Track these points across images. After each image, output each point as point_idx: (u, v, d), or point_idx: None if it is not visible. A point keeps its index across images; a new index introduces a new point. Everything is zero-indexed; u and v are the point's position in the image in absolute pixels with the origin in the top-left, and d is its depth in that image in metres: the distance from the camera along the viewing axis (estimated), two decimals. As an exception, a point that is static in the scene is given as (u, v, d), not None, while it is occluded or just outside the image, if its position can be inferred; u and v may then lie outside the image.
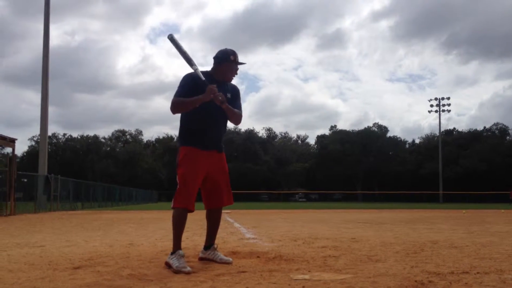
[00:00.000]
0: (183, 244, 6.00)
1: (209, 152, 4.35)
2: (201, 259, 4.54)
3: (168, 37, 4.41)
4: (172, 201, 4.27)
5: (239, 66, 4.49)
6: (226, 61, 4.40)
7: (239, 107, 4.53)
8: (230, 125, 4.68)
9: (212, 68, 4.48)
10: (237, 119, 4.50)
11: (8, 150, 21.34)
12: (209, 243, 4.58)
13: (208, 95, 4.11)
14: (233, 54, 4.42)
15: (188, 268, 3.88)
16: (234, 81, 4.57)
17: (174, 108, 4.27)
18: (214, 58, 4.46)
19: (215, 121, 4.38)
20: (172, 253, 4.13)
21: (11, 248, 5.74)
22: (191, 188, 4.22)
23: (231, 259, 4.48)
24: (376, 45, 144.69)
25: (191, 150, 4.28)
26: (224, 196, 4.51)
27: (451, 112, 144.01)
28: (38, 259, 4.67)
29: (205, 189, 4.43)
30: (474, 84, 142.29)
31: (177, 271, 3.83)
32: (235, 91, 4.56)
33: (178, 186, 4.25)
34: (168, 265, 4.07)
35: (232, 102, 4.41)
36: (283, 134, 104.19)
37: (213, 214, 4.61)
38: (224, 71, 4.42)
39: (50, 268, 4.06)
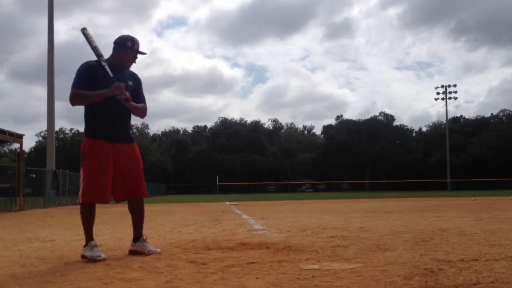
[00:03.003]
0: (191, 237, 6.06)
1: (117, 144, 4.30)
2: (131, 252, 4.49)
3: (81, 31, 4.41)
4: (79, 196, 4.23)
5: (140, 56, 4.46)
6: (124, 47, 4.35)
7: (143, 98, 4.55)
8: (233, 116, 4.68)
9: (111, 54, 4.42)
10: (141, 114, 4.50)
11: (16, 146, 21.46)
12: (137, 235, 4.53)
13: (113, 92, 4.10)
14: (132, 40, 4.38)
15: (103, 256, 4.08)
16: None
17: (75, 101, 4.19)
18: (114, 43, 4.41)
19: (119, 112, 4.32)
20: (85, 246, 4.24)
21: (22, 243, 5.78)
22: (99, 180, 4.17)
23: (159, 250, 4.52)
24: (384, 33, 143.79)
25: (97, 142, 4.23)
26: (139, 187, 4.46)
27: (459, 100, 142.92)
28: (49, 254, 4.71)
29: (116, 182, 4.32)
30: (483, 70, 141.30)
31: (92, 261, 4.00)
32: (136, 80, 4.52)
33: (83, 180, 4.20)
34: (84, 258, 4.17)
35: (134, 90, 4.40)
36: (289, 125, 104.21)
37: (135, 206, 4.55)
38: (122, 57, 4.38)
39: (61, 262, 4.09)
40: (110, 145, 4.26)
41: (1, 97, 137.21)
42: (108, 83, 4.15)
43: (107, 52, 4.38)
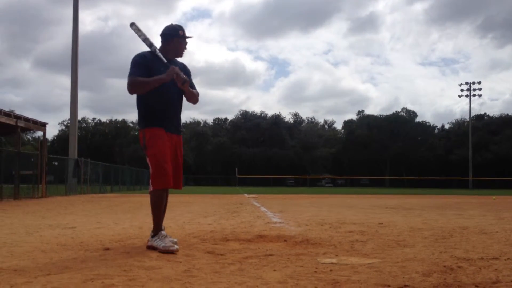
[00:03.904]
0: (210, 228, 6.09)
1: (171, 135, 4.33)
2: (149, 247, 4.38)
3: (130, 26, 4.36)
4: (150, 184, 4.21)
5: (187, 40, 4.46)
6: (176, 37, 4.35)
7: (194, 87, 4.54)
8: (255, 109, 4.65)
9: (161, 46, 4.42)
10: (195, 99, 4.50)
11: (39, 134, 21.78)
12: None
13: (170, 76, 4.11)
14: (182, 29, 4.40)
15: (176, 247, 3.97)
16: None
17: (133, 88, 4.19)
18: (162, 35, 4.41)
19: (172, 103, 4.34)
20: (153, 236, 4.16)
21: (43, 230, 5.88)
22: (166, 166, 4.17)
23: (175, 240, 4.37)
24: (410, 29, 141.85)
25: (157, 130, 4.24)
26: (180, 179, 4.46)
27: (484, 97, 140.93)
28: (69, 240, 4.78)
29: None
30: (509, 68, 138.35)
31: (164, 251, 3.90)
32: (186, 71, 4.53)
33: (152, 168, 4.19)
34: (152, 248, 4.08)
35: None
36: (309, 119, 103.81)
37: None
38: (175, 47, 4.38)
39: (82, 249, 4.15)
40: (167, 134, 4.29)
41: (26, 85, 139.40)
42: (164, 71, 4.18)
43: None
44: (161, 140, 4.22)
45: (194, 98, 4.49)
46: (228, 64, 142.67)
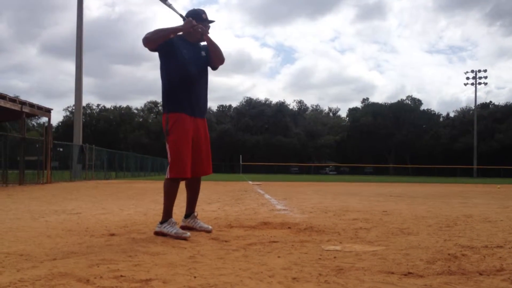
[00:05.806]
0: (214, 214, 6.11)
1: (195, 118, 4.28)
2: (182, 227, 4.46)
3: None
4: (168, 171, 4.18)
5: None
6: (199, 21, 4.31)
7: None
8: (260, 96, 4.63)
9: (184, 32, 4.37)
10: (219, 53, 4.41)
11: (44, 119, 21.87)
12: (189, 212, 4.55)
13: (187, 27, 4.15)
14: (204, 13, 4.41)
15: (188, 233, 3.97)
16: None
17: (148, 38, 4.10)
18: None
19: (195, 85, 4.28)
20: (162, 222, 4.13)
21: (49, 215, 5.91)
22: (185, 155, 4.14)
23: (210, 227, 4.48)
24: (418, 16, 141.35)
25: (180, 116, 4.18)
26: (208, 164, 4.46)
27: (491, 85, 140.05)
28: (75, 226, 4.80)
29: (192, 157, 4.28)
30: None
31: (177, 237, 3.90)
32: (207, 50, 4.48)
33: (171, 155, 4.15)
34: (161, 234, 4.06)
35: (207, 61, 4.42)
36: (314, 107, 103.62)
37: (194, 182, 4.53)
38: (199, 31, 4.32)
39: (87, 235, 4.17)
40: (191, 119, 4.24)
41: (32, 71, 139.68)
42: (186, 53, 4.22)
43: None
44: (183, 126, 4.16)
45: (217, 51, 4.39)
46: (234, 51, 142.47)
